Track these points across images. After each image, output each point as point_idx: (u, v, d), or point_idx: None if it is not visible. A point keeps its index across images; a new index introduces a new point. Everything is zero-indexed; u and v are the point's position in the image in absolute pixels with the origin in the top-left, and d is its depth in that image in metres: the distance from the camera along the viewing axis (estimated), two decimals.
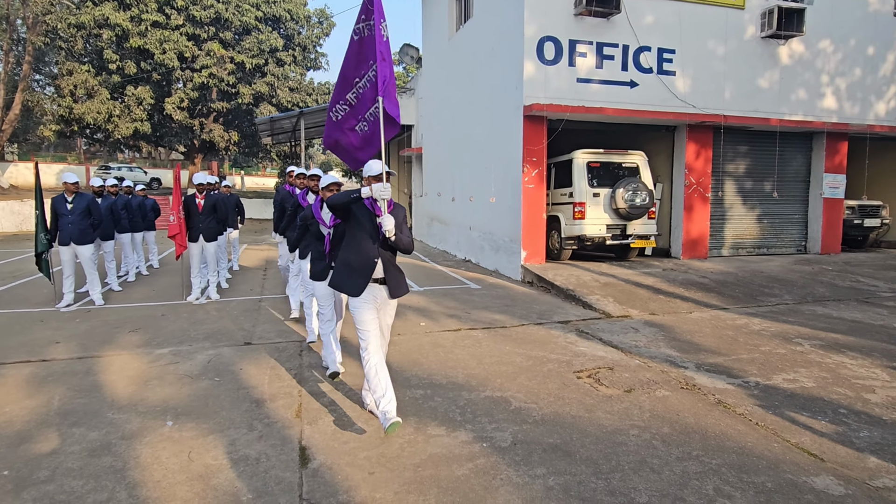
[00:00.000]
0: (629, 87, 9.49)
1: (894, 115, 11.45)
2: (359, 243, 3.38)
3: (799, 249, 11.54)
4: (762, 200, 11.15)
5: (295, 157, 25.61)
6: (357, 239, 3.39)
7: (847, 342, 5.51)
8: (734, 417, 3.72)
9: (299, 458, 3.13)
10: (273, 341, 5.50)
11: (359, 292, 3.36)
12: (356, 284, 3.37)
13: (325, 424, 3.58)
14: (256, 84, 26.57)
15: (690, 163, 10.16)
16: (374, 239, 3.37)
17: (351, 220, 3.42)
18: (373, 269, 3.38)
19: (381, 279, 3.41)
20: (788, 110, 10.59)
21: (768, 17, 10.03)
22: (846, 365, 4.81)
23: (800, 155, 11.32)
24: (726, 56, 10.07)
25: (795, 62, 10.59)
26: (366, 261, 3.37)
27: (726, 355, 5.07)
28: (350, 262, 3.40)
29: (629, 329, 6.00)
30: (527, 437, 3.40)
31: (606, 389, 4.21)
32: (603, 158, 9.60)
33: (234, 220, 9.96)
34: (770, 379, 4.46)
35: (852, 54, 11.00)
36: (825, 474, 2.98)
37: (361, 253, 3.37)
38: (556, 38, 9.03)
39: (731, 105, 10.12)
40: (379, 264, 3.39)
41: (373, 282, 3.38)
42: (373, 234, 3.37)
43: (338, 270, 3.49)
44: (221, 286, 8.45)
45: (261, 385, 4.26)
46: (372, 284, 3.39)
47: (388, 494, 2.76)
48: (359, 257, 3.37)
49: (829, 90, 10.92)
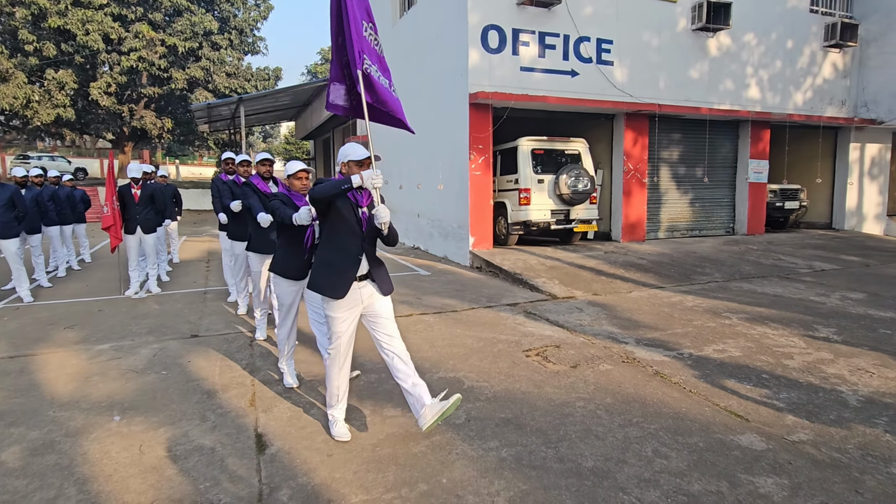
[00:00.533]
0: (570, 76, 9.77)
1: (810, 105, 12.34)
2: (341, 239, 3.02)
3: (727, 231, 12.30)
4: (694, 185, 11.79)
5: (234, 144, 24.79)
6: (339, 234, 3.02)
7: (769, 315, 5.98)
8: (670, 386, 4.00)
9: (256, 445, 3.14)
10: (221, 333, 5.40)
11: (343, 294, 3.00)
12: (340, 286, 3.01)
13: (281, 411, 3.58)
14: (190, 69, 25.39)
15: (628, 150, 10.59)
16: (357, 233, 3.02)
17: (332, 213, 3.00)
18: (357, 267, 3.03)
19: (365, 276, 3.08)
20: (717, 100, 11.21)
21: (698, 11, 10.55)
22: (768, 335, 5.23)
23: (727, 142, 12.03)
24: (660, 47, 10.52)
25: (723, 54, 11.20)
26: (349, 258, 3.01)
27: (663, 330, 5.40)
28: (332, 260, 3.03)
29: (574, 309, 6.26)
30: (480, 413, 3.53)
31: (554, 366, 4.42)
32: (546, 146, 9.87)
33: (173, 210, 9.59)
34: (702, 350, 4.80)
35: (773, 47, 11.75)
36: (749, 432, 3.28)
37: (344, 249, 3.02)
38: (499, 27, 9.16)
39: (665, 94, 10.60)
40: (363, 260, 3.05)
41: (357, 280, 3.04)
42: (356, 227, 3.02)
43: (318, 271, 3.08)
44: (161, 279, 8.15)
45: (211, 377, 4.20)
46: (355, 284, 3.04)
47: (348, 474, 2.82)
48: (341, 254, 3.02)
49: (754, 81, 11.63)
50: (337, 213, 2.99)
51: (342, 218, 3.00)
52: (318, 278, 3.07)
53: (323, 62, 46.86)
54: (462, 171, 9.41)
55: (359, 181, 2.84)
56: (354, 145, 3.09)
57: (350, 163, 3.07)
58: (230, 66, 27.66)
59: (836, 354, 4.67)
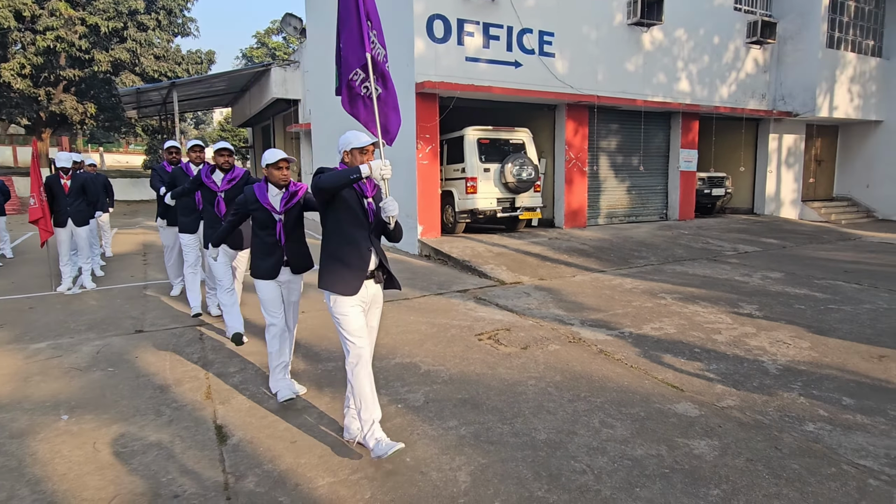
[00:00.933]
0: (514, 67, 9.98)
1: (734, 98, 13.16)
2: (349, 233, 2.82)
3: (661, 217, 12.99)
4: (631, 174, 12.36)
5: (166, 131, 23.61)
6: (345, 227, 2.82)
7: (700, 294, 6.44)
8: (613, 362, 4.27)
9: (216, 436, 3.13)
10: (168, 327, 5.25)
11: (356, 290, 2.82)
12: (352, 281, 2.82)
13: (239, 403, 3.58)
14: (115, 50, 23.90)
15: (570, 139, 10.96)
16: (364, 225, 2.85)
17: (337, 205, 2.80)
18: (368, 263, 2.86)
19: (373, 272, 2.92)
20: (651, 92, 11.76)
21: (633, 6, 11.00)
22: (699, 313, 5.65)
23: (661, 132, 12.66)
24: (598, 40, 10.91)
25: (656, 48, 11.75)
26: (360, 253, 2.83)
27: (605, 311, 5.72)
28: (341, 256, 2.82)
29: (522, 294, 6.50)
30: (437, 395, 3.66)
31: (505, 348, 4.61)
32: (492, 135, 10.06)
33: (105, 201, 9.12)
34: (641, 328, 5.13)
35: (701, 43, 12.42)
36: (685, 401, 3.58)
37: (353, 243, 2.82)
38: (444, 17, 9.23)
39: (604, 86, 11.02)
40: (373, 254, 2.89)
41: (368, 275, 2.89)
42: (363, 219, 2.85)
43: (327, 268, 2.85)
44: (96, 274, 7.78)
45: (162, 371, 4.11)
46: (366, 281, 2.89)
47: (313, 459, 2.88)
48: (351, 249, 2.82)
49: (684, 75, 12.27)
50: (343, 205, 2.79)
51: (349, 209, 2.81)
52: (328, 274, 2.83)
53: (259, 46, 45.22)
54: (409, 160, 9.46)
55: (367, 171, 2.64)
56: (356, 132, 2.89)
57: (353, 151, 2.84)
58: (159, 48, 26.24)
59: (758, 329, 5.12)
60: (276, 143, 21.89)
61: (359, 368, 2.82)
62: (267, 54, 43.12)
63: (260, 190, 3.51)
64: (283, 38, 43.25)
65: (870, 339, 4.81)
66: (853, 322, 5.31)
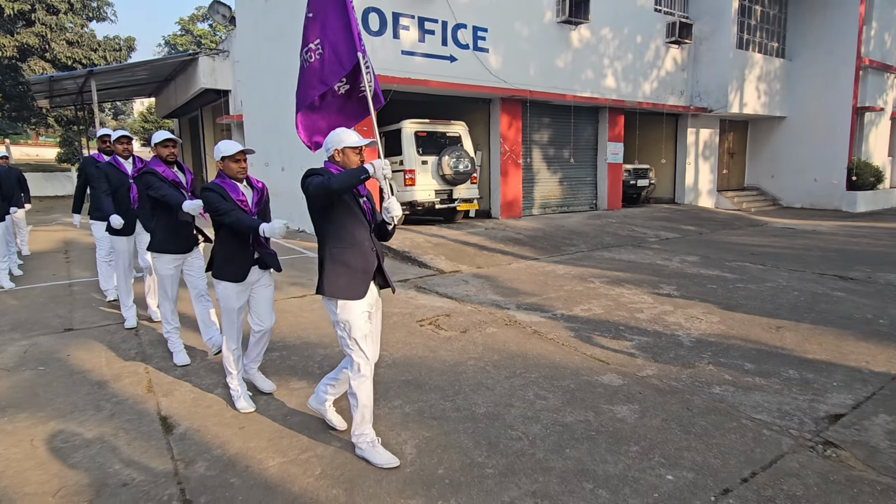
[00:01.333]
0: (449, 61, 10.18)
1: (656, 94, 13.97)
2: (353, 235, 2.73)
3: (591, 206, 13.64)
4: (562, 166, 12.90)
5: (83, 122, 22.16)
6: (349, 230, 2.73)
7: (625, 277, 6.91)
8: (546, 342, 4.58)
9: (162, 427, 3.15)
10: (100, 325, 5.09)
11: (363, 293, 2.73)
12: (359, 284, 2.73)
13: (183, 394, 3.58)
14: (21, 34, 22.16)
15: (504, 132, 11.31)
16: (365, 226, 2.78)
17: (338, 207, 2.71)
18: (373, 263, 2.78)
19: (374, 274, 2.83)
20: (580, 88, 12.31)
21: (562, 5, 11.45)
22: (624, 294, 6.09)
23: (589, 126, 13.27)
24: (530, 37, 11.29)
25: (584, 46, 12.29)
26: (365, 255, 2.75)
27: (539, 295, 6.05)
28: (347, 259, 2.71)
29: (460, 281, 6.74)
30: (382, 378, 3.81)
31: (446, 332, 4.82)
32: (429, 128, 10.23)
33: (19, 197, 8.56)
34: (571, 310, 5.49)
35: (626, 41, 13.10)
36: (610, 373, 3.91)
37: (357, 246, 2.74)
38: (380, 10, 9.28)
39: (536, 81, 11.43)
40: (374, 256, 2.81)
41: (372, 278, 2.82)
42: (364, 220, 2.77)
43: (335, 273, 2.70)
44: (13, 273, 7.33)
45: (98, 368, 4.02)
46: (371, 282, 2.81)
47: (262, 442, 2.97)
48: (356, 252, 2.73)
49: (610, 71, 12.91)
50: (344, 206, 2.71)
51: (350, 210, 2.72)
52: (335, 279, 2.70)
53: (183, 33, 43.07)
54: None
55: (372, 170, 2.57)
56: (347, 130, 2.82)
57: (346, 150, 2.76)
58: (71, 33, 24.54)
59: (676, 307, 5.59)
60: (205, 136, 21.05)
61: (367, 382, 2.75)
62: (192, 42, 41.17)
63: (231, 187, 3.20)
64: (210, 25, 41.45)
65: (770, 312, 5.38)
66: (757, 298, 5.90)
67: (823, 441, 2.96)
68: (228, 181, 3.21)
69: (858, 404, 3.39)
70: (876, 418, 3.20)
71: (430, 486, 2.58)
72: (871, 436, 3.01)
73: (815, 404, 3.40)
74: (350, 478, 2.64)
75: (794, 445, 2.92)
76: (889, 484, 2.57)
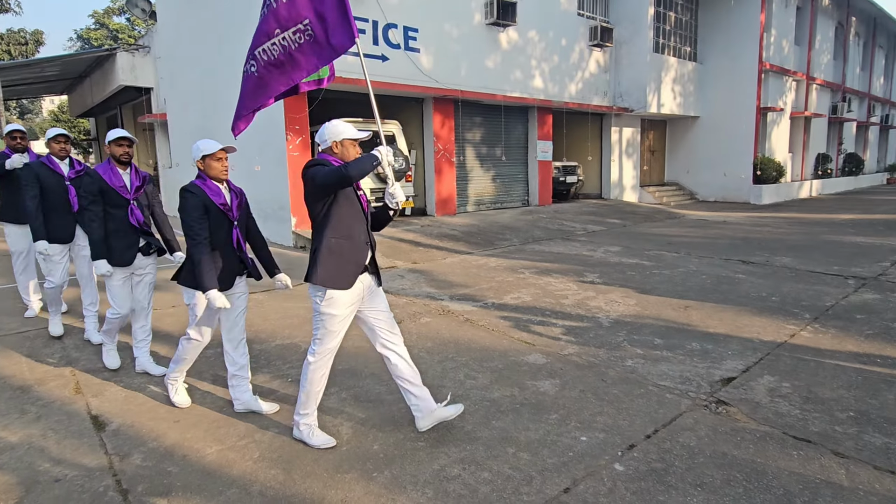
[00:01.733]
0: (381, 60, 10.29)
1: (582, 94, 14.65)
2: (350, 226, 2.76)
3: (523, 203, 14.14)
4: (495, 164, 13.30)
5: None
6: (346, 221, 2.75)
7: (553, 268, 7.31)
8: (477, 328, 4.83)
9: (93, 425, 3.13)
10: (18, 331, 4.87)
11: (350, 284, 2.75)
12: (347, 275, 2.74)
13: (114, 393, 3.55)
14: None
15: (437, 131, 11.55)
16: (361, 217, 2.82)
17: (339, 198, 2.73)
18: (365, 256, 2.83)
19: (366, 265, 2.87)
20: (510, 88, 12.73)
21: (490, 7, 11.82)
22: (552, 283, 6.46)
23: (520, 125, 13.75)
24: (460, 38, 11.58)
25: (513, 47, 12.73)
26: (359, 245, 2.79)
27: (471, 287, 6.31)
28: (339, 248, 2.73)
29: (396, 276, 6.90)
30: None
31: None
32: (362, 127, 10.28)
33: None
34: (502, 299, 5.78)
35: (552, 44, 13.67)
36: (535, 353, 4.21)
37: (352, 237, 2.77)
38: None
39: (467, 81, 11.74)
40: (368, 248, 2.86)
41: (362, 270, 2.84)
42: (361, 211, 2.82)
43: (323, 261, 2.71)
44: None
45: (19, 373, 3.89)
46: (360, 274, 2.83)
47: (199, 433, 3.02)
48: (350, 242, 2.76)
49: (538, 72, 13.43)
50: (345, 197, 2.74)
51: (350, 202, 2.76)
52: (322, 268, 2.70)
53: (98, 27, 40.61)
54: (279, 151, 9.39)
55: (380, 157, 2.64)
56: (344, 122, 2.84)
57: (345, 141, 2.80)
58: None
59: (598, 292, 6.01)
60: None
61: (323, 368, 2.84)
62: (108, 37, 38.94)
63: (210, 189, 3.02)
64: (128, 19, 39.33)
65: (680, 294, 5.89)
66: (670, 282, 6.43)
67: (716, 400, 3.36)
68: (210, 183, 3.05)
69: (748, 368, 3.84)
70: (761, 379, 3.65)
71: (365, 461, 2.74)
72: (755, 394, 3.44)
73: (711, 370, 3.82)
74: (288, 458, 2.76)
75: (691, 405, 3.30)
76: (766, 431, 2.97)
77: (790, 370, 3.78)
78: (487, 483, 2.55)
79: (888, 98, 27.43)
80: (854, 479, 2.53)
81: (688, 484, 2.51)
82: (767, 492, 2.44)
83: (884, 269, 6.79)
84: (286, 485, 2.55)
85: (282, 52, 3.26)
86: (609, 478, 2.57)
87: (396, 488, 2.51)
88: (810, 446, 2.81)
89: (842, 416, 3.11)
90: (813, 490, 2.45)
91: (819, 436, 2.91)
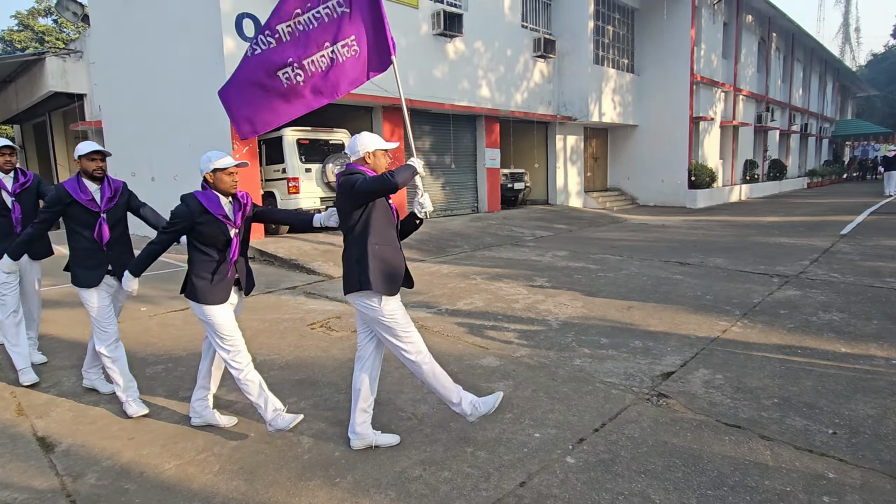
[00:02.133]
0: None
1: (527, 103, 15.09)
2: (387, 233, 2.84)
3: (473, 209, 14.39)
4: (444, 171, 13.49)
5: None
6: (384, 228, 2.83)
7: (504, 273, 7.52)
8: (433, 334, 4.94)
9: (41, 447, 3.03)
10: None
11: (398, 290, 2.87)
12: (398, 283, 2.85)
13: (61, 414, 3.44)
14: None
15: (387, 140, 11.60)
16: (394, 224, 2.91)
17: (378, 205, 2.80)
18: (403, 262, 2.92)
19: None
20: (458, 97, 12.98)
21: (437, 18, 12.04)
22: (503, 288, 6.66)
23: (468, 133, 14.02)
24: (408, 48, 11.73)
25: (460, 58, 12.99)
26: (397, 251, 2.88)
27: (425, 294, 6.42)
28: (386, 256, 2.80)
29: None
30: (275, 379, 3.92)
31: (337, 333, 5.00)
32: (311, 136, 10.26)
33: None
34: (455, 305, 5.92)
35: (497, 55, 14.03)
36: (489, 356, 4.36)
37: (392, 244, 2.86)
38: (254, 16, 9.16)
39: (415, 91, 11.88)
40: (402, 255, 2.95)
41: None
42: (393, 218, 2.91)
43: (376, 269, 2.75)
44: None
45: None
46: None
47: (156, 449, 2.99)
48: (392, 249, 2.85)
49: (484, 82, 13.75)
50: (381, 205, 2.82)
51: (385, 209, 2.85)
52: (374, 275, 2.74)
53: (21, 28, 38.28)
54: None
55: (417, 167, 2.79)
56: (373, 134, 2.95)
57: (377, 152, 2.90)
58: None
59: (547, 296, 6.25)
60: (55, 143, 19.02)
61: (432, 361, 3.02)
62: (33, 39, 36.79)
63: (208, 199, 2.88)
64: (56, 21, 37.31)
65: (623, 295, 6.21)
66: (614, 284, 6.75)
67: (657, 394, 3.61)
68: (210, 193, 2.92)
69: (685, 363, 4.13)
70: (697, 373, 3.94)
71: (327, 467, 2.79)
72: (691, 386, 3.71)
73: (653, 366, 4.08)
74: (250, 469, 2.78)
75: (635, 399, 3.52)
76: (702, 420, 3.23)
77: (722, 363, 4.09)
78: (447, 482, 2.66)
79: (806, 108, 29.60)
80: (778, 458, 2.79)
81: (633, 472, 2.70)
82: (703, 475, 2.67)
83: (804, 268, 7.38)
84: (249, 495, 2.57)
85: (329, 65, 3.30)
86: (561, 470, 2.74)
87: (360, 492, 2.58)
88: (740, 431, 3.08)
89: (767, 403, 3.41)
90: (742, 471, 2.69)
91: (748, 421, 3.18)
